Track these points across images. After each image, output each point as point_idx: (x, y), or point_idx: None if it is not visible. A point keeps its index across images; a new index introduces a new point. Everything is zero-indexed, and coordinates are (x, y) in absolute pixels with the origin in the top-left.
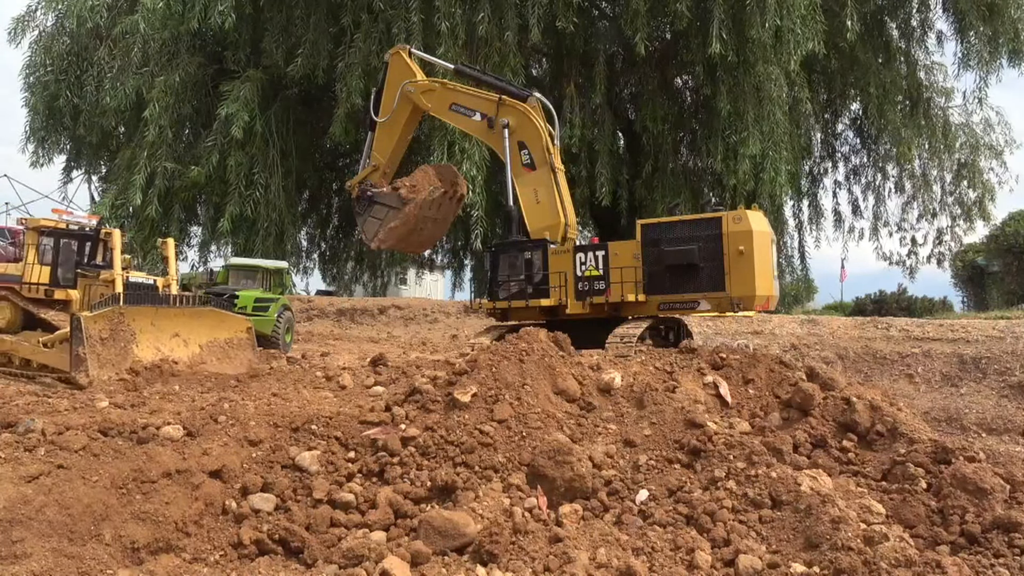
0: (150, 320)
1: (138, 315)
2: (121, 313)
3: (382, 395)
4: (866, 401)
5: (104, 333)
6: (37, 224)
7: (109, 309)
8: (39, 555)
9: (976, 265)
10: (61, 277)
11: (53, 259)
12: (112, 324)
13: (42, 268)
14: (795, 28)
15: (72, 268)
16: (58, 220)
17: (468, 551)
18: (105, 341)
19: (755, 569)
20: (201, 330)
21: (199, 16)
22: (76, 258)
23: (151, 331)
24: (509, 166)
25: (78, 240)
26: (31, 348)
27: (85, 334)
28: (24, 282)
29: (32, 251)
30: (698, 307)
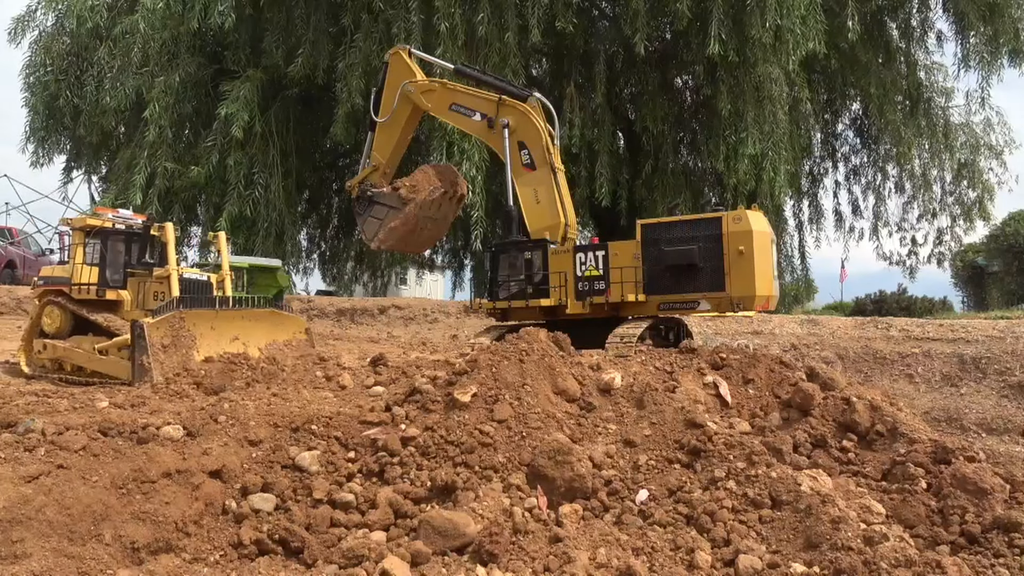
0: (210, 324)
1: (198, 319)
2: (181, 318)
3: (382, 395)
4: (866, 401)
5: (166, 340)
6: (83, 224)
7: (170, 314)
8: (39, 555)
9: (976, 265)
10: (110, 278)
11: (101, 259)
12: (173, 330)
13: (91, 269)
14: (795, 28)
15: (121, 268)
16: (104, 219)
17: (468, 551)
18: (167, 348)
19: (755, 569)
20: (259, 332)
21: (199, 16)
22: (125, 257)
23: (211, 335)
24: (509, 166)
25: (125, 238)
26: (86, 355)
27: (148, 342)
28: (73, 284)
29: (79, 251)
30: (698, 307)
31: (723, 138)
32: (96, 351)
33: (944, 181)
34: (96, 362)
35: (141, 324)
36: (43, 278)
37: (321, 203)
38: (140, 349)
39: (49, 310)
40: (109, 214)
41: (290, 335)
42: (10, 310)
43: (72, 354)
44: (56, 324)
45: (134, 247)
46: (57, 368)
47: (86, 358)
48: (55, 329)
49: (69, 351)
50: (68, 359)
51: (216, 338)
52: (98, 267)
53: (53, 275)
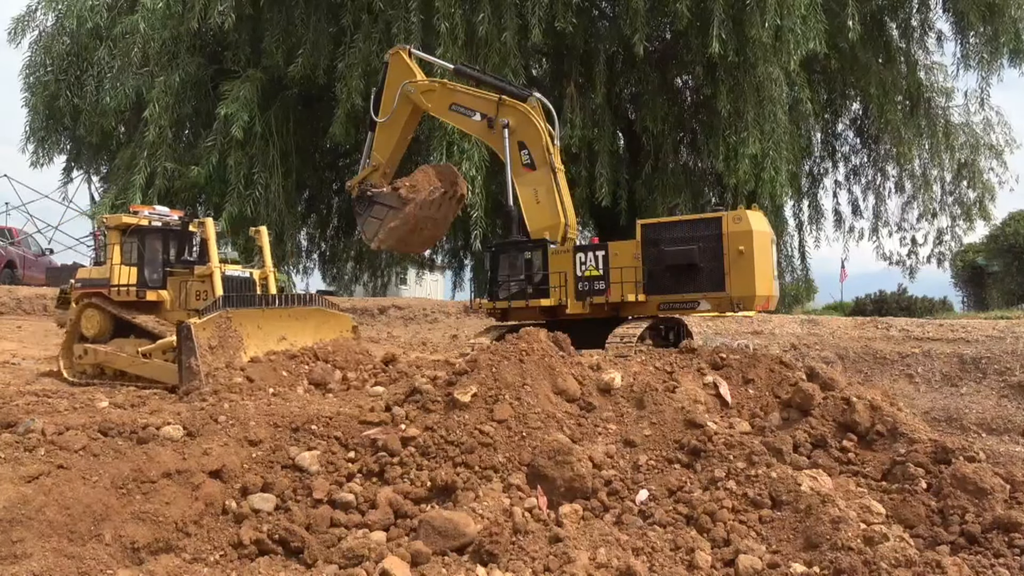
0: (256, 323)
1: (244, 318)
2: (228, 317)
3: (382, 395)
4: (866, 401)
5: (212, 341)
6: (119, 222)
7: (216, 314)
8: (39, 555)
9: (976, 265)
10: (149, 277)
11: (139, 258)
12: (220, 330)
13: (129, 269)
14: (795, 28)
15: (160, 267)
16: (139, 216)
17: (468, 551)
18: (214, 349)
19: (755, 569)
20: (306, 331)
21: (199, 16)
22: (163, 256)
23: (258, 335)
24: (509, 166)
25: (162, 236)
26: (128, 359)
27: (196, 343)
28: (112, 285)
29: (116, 251)
30: (698, 307)
31: (723, 138)
32: (139, 354)
33: (944, 181)
34: (139, 366)
35: (188, 325)
36: (80, 280)
37: (321, 203)
38: (187, 351)
39: (88, 313)
40: (145, 211)
41: (337, 333)
42: (10, 310)
43: (114, 358)
44: (96, 328)
45: (172, 245)
46: (99, 373)
47: (129, 362)
48: (95, 333)
49: (111, 355)
50: (110, 364)
51: (263, 338)
52: (136, 267)
53: (91, 277)
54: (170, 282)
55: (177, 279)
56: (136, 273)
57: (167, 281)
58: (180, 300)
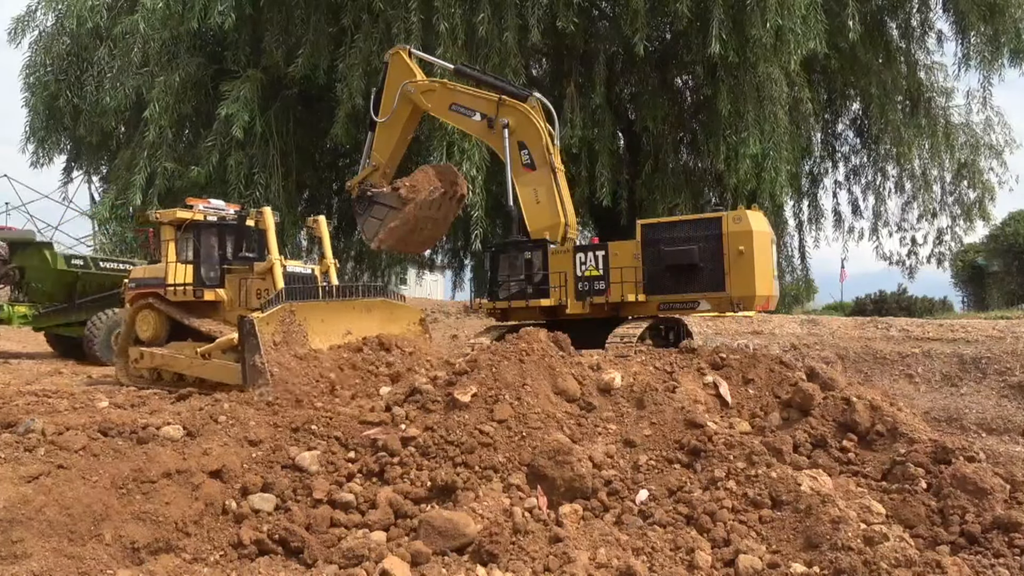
0: (320, 317)
1: (308, 312)
2: (291, 311)
3: (382, 395)
4: (866, 401)
5: (277, 336)
6: (172, 217)
7: (279, 308)
8: (39, 555)
9: (976, 265)
10: (205, 275)
11: (195, 255)
12: (284, 325)
13: (184, 267)
14: (796, 28)
15: (217, 264)
16: (194, 211)
17: (468, 551)
18: (278, 346)
19: (755, 569)
20: (372, 325)
21: (199, 16)
22: (220, 252)
23: (322, 329)
24: (509, 166)
25: (219, 231)
26: (187, 361)
27: (261, 339)
28: (168, 285)
29: (170, 248)
30: (698, 307)
31: (723, 138)
32: (198, 355)
33: (944, 181)
34: (199, 367)
35: (251, 320)
36: (134, 280)
37: (321, 203)
38: (251, 348)
39: (143, 315)
40: (200, 204)
41: (404, 327)
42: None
43: (172, 361)
44: (151, 330)
45: (229, 240)
46: (156, 378)
47: (187, 364)
48: (151, 336)
49: (168, 358)
50: (168, 367)
51: (327, 332)
52: (192, 265)
53: (145, 276)
54: (228, 280)
55: (236, 277)
56: (192, 271)
57: (225, 279)
58: (241, 299)
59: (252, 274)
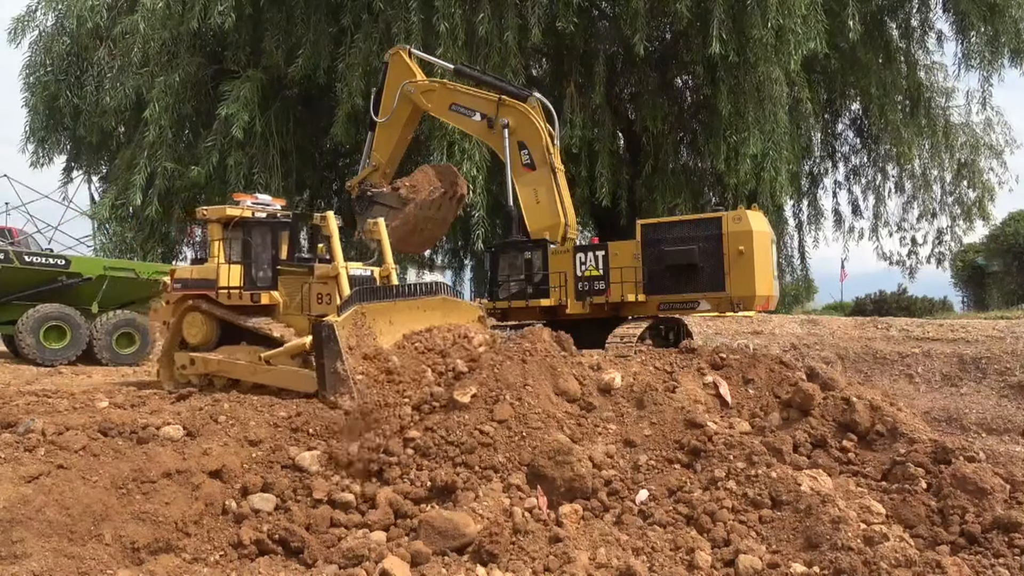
0: (388, 317)
1: (377, 313)
2: (363, 313)
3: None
4: (866, 401)
5: (351, 340)
6: (221, 214)
7: (353, 310)
8: (39, 555)
9: (976, 265)
10: (256, 276)
11: (244, 255)
12: (356, 328)
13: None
14: (796, 28)
15: (269, 264)
16: (242, 207)
17: (468, 551)
18: (352, 351)
19: (755, 569)
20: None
21: (199, 16)
22: (272, 251)
23: (390, 331)
24: (509, 166)
25: (271, 229)
26: (248, 367)
27: (342, 344)
28: (219, 287)
29: (220, 247)
30: (698, 307)
31: (724, 138)
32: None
33: (944, 181)
34: (263, 374)
35: (330, 324)
36: (179, 281)
37: (321, 203)
38: (331, 354)
39: (191, 318)
40: (247, 200)
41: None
42: None
43: (230, 367)
44: (200, 334)
45: (281, 239)
46: (206, 384)
47: (249, 370)
48: (200, 339)
49: (226, 364)
50: (223, 373)
51: (394, 334)
52: (242, 265)
53: (192, 277)
54: (282, 282)
55: (292, 279)
56: (242, 272)
57: (277, 280)
58: (302, 304)
59: (312, 278)
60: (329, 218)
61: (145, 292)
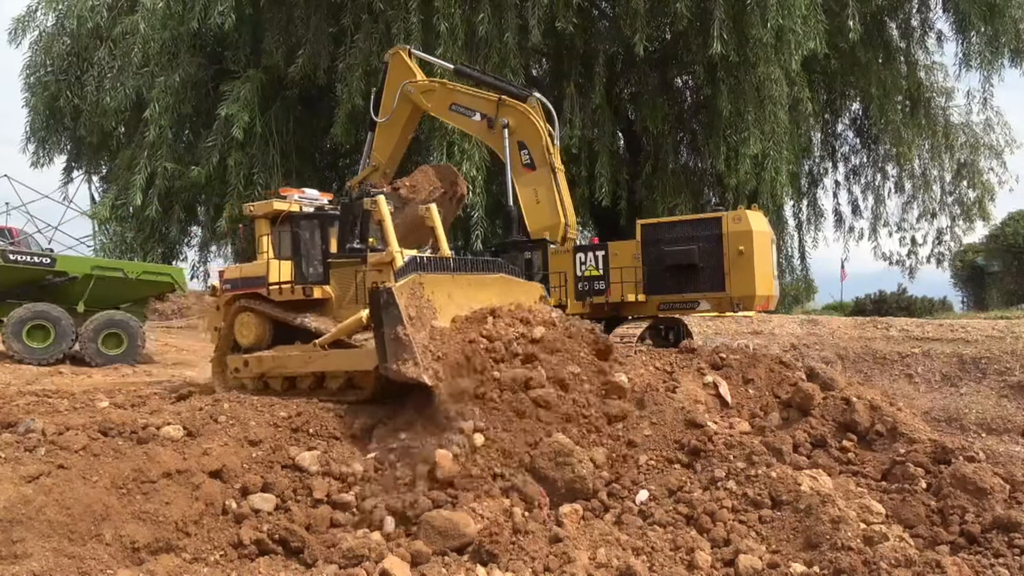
0: (447, 291)
1: (436, 286)
2: (420, 283)
3: None
4: (866, 401)
5: (411, 310)
6: (268, 209)
7: (411, 278)
8: (39, 555)
9: (976, 265)
10: (308, 271)
11: (294, 250)
12: (415, 299)
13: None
14: (796, 28)
15: (320, 258)
16: (289, 201)
17: (468, 551)
18: (412, 321)
19: (755, 569)
20: (493, 302)
21: (199, 16)
22: (322, 245)
23: (449, 305)
24: (509, 166)
25: (320, 223)
26: (302, 358)
27: (403, 310)
28: (270, 283)
29: (268, 243)
30: (698, 307)
31: (723, 138)
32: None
33: (944, 181)
34: (319, 361)
35: (388, 288)
36: (229, 281)
37: None
38: (391, 319)
39: (243, 318)
40: (295, 194)
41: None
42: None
43: (284, 361)
44: (253, 334)
45: (329, 232)
46: (262, 387)
47: (303, 360)
48: (253, 340)
49: (280, 359)
50: (278, 370)
51: (454, 310)
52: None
53: (242, 276)
54: (334, 275)
55: (344, 271)
56: (292, 268)
57: (329, 275)
58: (356, 296)
59: (365, 267)
60: (380, 202)
61: (135, 293)
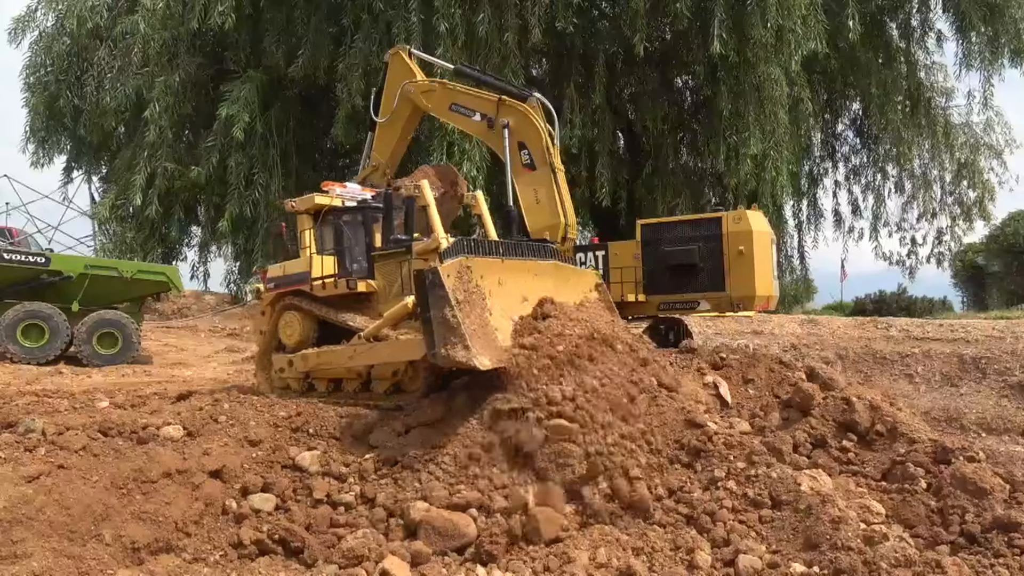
0: (498, 277)
1: (486, 270)
2: (468, 267)
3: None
4: (866, 401)
5: (459, 293)
6: (311, 204)
7: (458, 260)
8: (39, 555)
9: (976, 265)
10: (352, 267)
11: (337, 245)
12: (464, 283)
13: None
14: (796, 28)
15: (365, 253)
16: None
17: (468, 551)
18: (460, 304)
19: (755, 569)
20: (545, 291)
21: (199, 17)
22: (366, 239)
23: (500, 293)
24: (509, 166)
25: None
26: (347, 351)
27: (450, 292)
28: (313, 278)
29: (311, 239)
30: (698, 307)
31: (723, 138)
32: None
33: (944, 181)
34: (363, 354)
35: (433, 268)
36: (272, 280)
37: None
38: (438, 300)
39: (287, 317)
40: (336, 188)
41: (581, 294)
42: None
43: (331, 357)
44: (298, 333)
45: (373, 226)
46: (308, 388)
47: (348, 355)
48: (298, 340)
49: (324, 355)
50: (323, 367)
51: (506, 297)
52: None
53: (285, 274)
54: (378, 269)
55: (389, 264)
56: (336, 263)
57: (374, 269)
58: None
59: (410, 256)
60: (424, 187)
61: (131, 292)
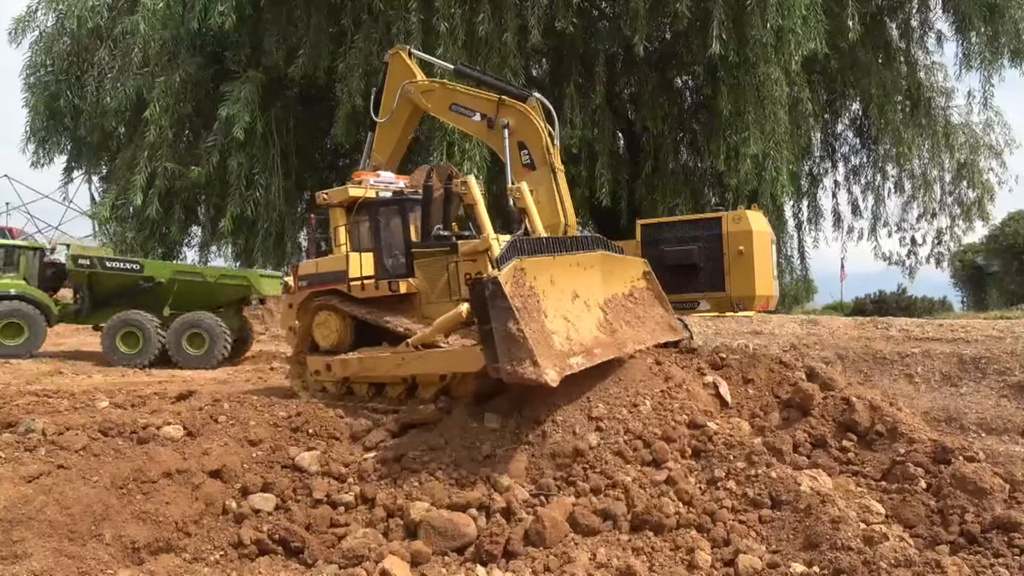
0: (548, 275)
1: (538, 270)
2: (522, 269)
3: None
4: (866, 401)
5: (517, 301)
6: (344, 196)
7: (511, 265)
8: (39, 555)
9: (976, 265)
10: (389, 264)
11: (374, 241)
12: (520, 287)
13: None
14: (796, 28)
15: (403, 249)
16: (366, 186)
17: (468, 551)
18: (520, 313)
19: (755, 569)
20: (594, 284)
21: (199, 16)
22: (404, 234)
23: (553, 293)
24: (509, 166)
25: (400, 209)
26: (395, 358)
27: (512, 302)
28: (351, 278)
29: (345, 234)
30: (698, 307)
31: (723, 138)
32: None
33: (944, 181)
34: (412, 363)
35: (493, 278)
36: (305, 277)
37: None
38: (501, 313)
39: (323, 318)
40: (370, 179)
41: (628, 285)
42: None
43: (373, 364)
44: (334, 335)
45: (413, 220)
46: (345, 393)
47: (395, 362)
48: (334, 342)
49: (367, 360)
50: (365, 373)
51: (558, 295)
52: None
53: (318, 271)
54: (419, 267)
55: (432, 262)
56: (373, 260)
57: (413, 267)
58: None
59: (456, 256)
60: (471, 183)
61: (215, 297)
